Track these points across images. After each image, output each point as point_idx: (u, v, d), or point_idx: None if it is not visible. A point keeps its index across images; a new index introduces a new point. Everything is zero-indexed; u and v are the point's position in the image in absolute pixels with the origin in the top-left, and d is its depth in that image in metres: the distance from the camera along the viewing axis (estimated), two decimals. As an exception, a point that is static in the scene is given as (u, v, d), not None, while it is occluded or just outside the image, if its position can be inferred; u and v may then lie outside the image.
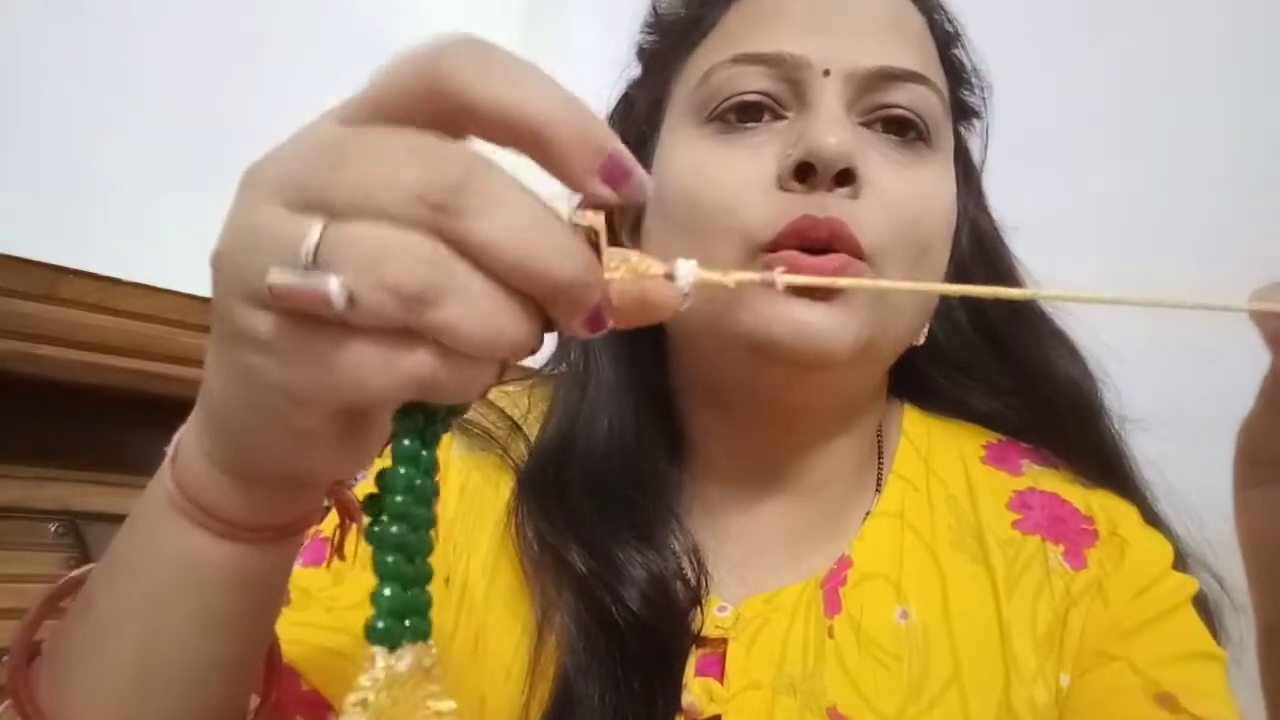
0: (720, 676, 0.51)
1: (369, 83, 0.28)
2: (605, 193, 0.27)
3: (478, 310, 0.26)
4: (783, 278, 0.30)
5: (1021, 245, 0.62)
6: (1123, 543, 0.54)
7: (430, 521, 0.30)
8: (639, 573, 0.51)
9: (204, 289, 0.29)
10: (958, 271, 0.57)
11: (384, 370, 0.26)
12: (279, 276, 0.25)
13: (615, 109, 0.62)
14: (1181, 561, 0.55)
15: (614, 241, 0.31)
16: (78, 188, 1.01)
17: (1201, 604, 0.54)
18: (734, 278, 0.29)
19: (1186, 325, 0.40)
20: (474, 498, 0.57)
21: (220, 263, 0.28)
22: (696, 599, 0.52)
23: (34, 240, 0.91)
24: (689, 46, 0.56)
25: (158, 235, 1.05)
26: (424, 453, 0.29)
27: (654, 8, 0.60)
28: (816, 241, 0.47)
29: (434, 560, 0.55)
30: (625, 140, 0.60)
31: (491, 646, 0.53)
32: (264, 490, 0.34)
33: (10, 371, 0.88)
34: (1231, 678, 0.53)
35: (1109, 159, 0.97)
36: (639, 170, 0.27)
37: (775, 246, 0.47)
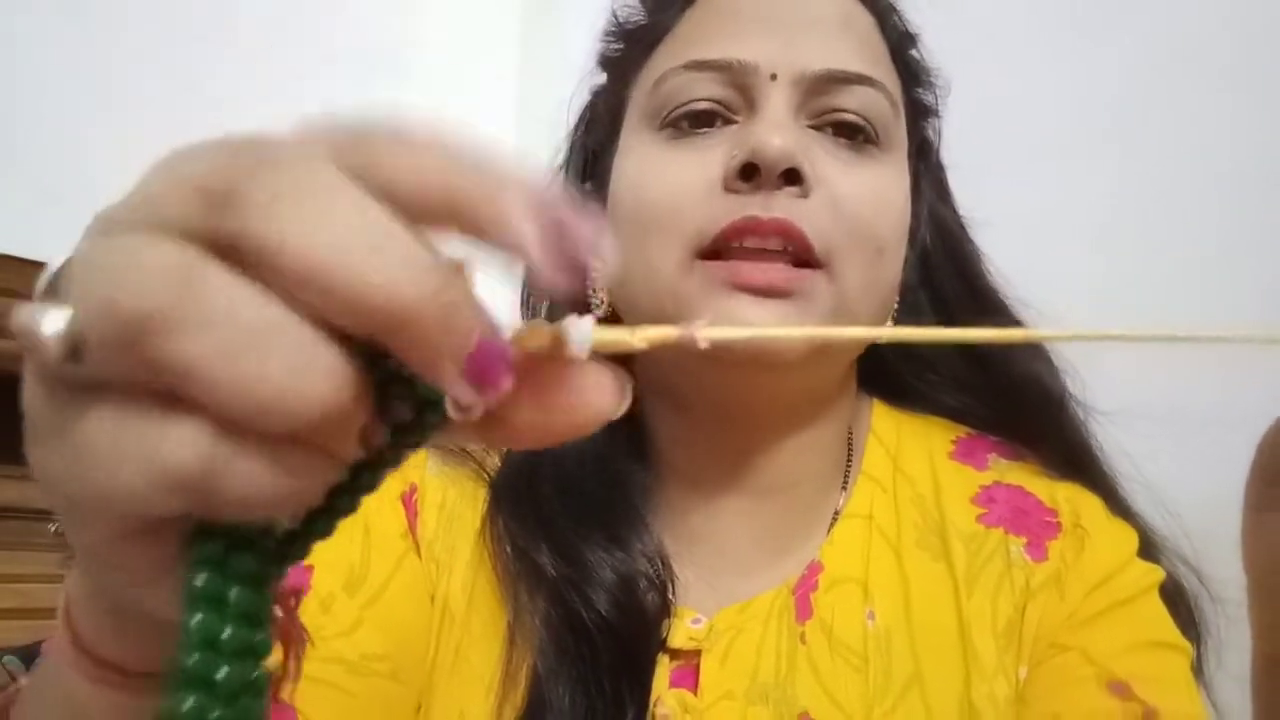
0: (695, 688, 0.51)
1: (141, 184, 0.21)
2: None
3: (241, 345, 0.18)
4: (704, 333, 0.23)
5: (1022, 243, 0.62)
6: (1084, 534, 0.53)
7: (260, 686, 0.21)
8: (608, 575, 0.51)
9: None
10: (921, 265, 0.58)
11: (134, 457, 0.19)
12: (17, 315, 0.19)
13: (580, 115, 0.63)
14: (1152, 552, 0.55)
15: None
16: (78, 188, 1.01)
17: (1172, 595, 0.53)
18: (643, 336, 0.22)
19: (1166, 321, 0.39)
20: (452, 514, 0.57)
21: None
22: (665, 603, 0.52)
23: (34, 240, 0.91)
24: (645, 52, 0.56)
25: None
26: (234, 591, 0.21)
27: (614, 14, 0.60)
28: (763, 241, 0.46)
29: (419, 579, 0.54)
30: (585, 149, 0.55)
31: (471, 661, 0.53)
32: (135, 626, 0.26)
33: (10, 371, 0.88)
34: (1212, 672, 0.54)
35: (1111, 158, 0.97)
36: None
37: (716, 246, 0.47)
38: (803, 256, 0.47)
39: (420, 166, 0.20)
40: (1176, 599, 0.54)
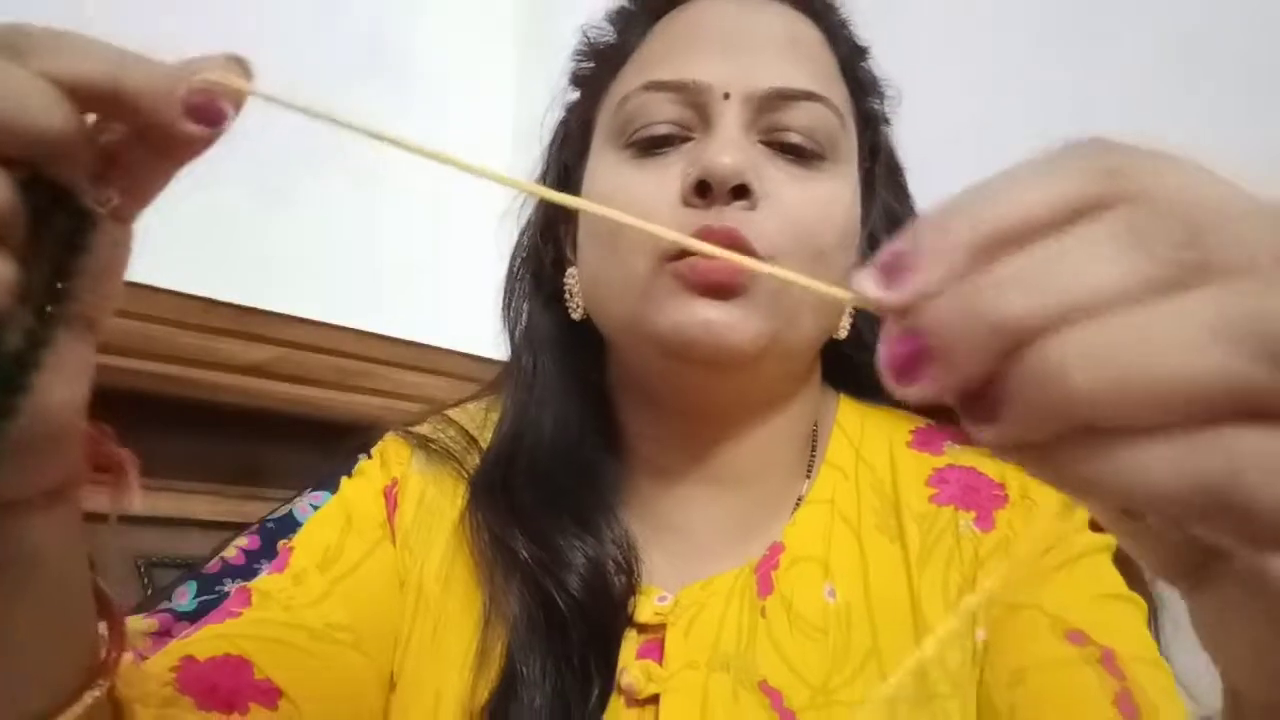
0: (660, 659, 0.54)
1: None
2: (198, 130, 0.29)
3: None
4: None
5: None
6: (1032, 504, 0.56)
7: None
8: (579, 559, 0.55)
9: (204, 289, 0.29)
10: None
11: None
12: None
13: (555, 131, 0.67)
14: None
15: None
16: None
17: (1124, 561, 0.55)
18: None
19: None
20: (430, 507, 0.61)
21: None
22: (631, 584, 0.56)
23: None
24: (612, 71, 0.61)
25: (157, 235, 1.05)
26: None
27: (585, 34, 0.65)
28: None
29: (391, 564, 0.58)
30: (559, 163, 0.62)
31: (447, 642, 0.56)
32: None
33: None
34: (1169, 639, 0.55)
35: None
36: (221, 100, 0.29)
37: (680, 255, 0.52)
38: None
39: (75, 63, 0.28)
40: (1128, 565, 0.55)
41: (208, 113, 0.29)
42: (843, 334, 0.60)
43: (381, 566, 0.58)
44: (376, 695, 0.56)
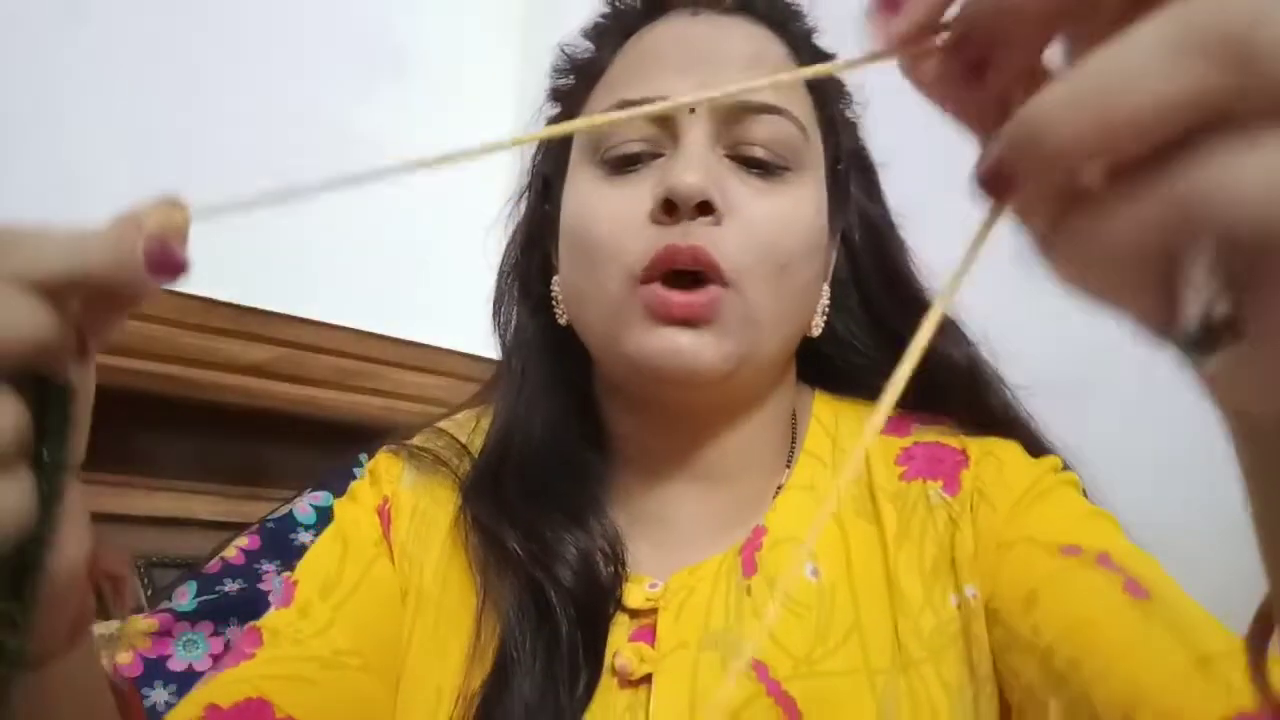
0: (652, 642, 0.57)
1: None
2: (162, 282, 0.31)
3: None
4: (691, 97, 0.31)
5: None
6: (999, 461, 0.59)
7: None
8: (568, 550, 0.57)
9: (204, 289, 0.29)
10: (850, 260, 0.66)
11: None
12: None
13: (537, 147, 0.70)
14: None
15: None
16: (77, 188, 1.01)
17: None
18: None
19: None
20: (424, 517, 0.63)
21: None
22: (618, 573, 0.58)
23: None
24: (588, 86, 0.64)
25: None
26: None
27: (562, 50, 0.67)
28: (683, 266, 0.54)
29: (390, 580, 0.60)
30: (541, 174, 0.64)
31: (446, 639, 0.58)
32: None
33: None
34: None
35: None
36: (175, 246, 0.31)
37: (648, 275, 0.54)
38: (711, 277, 0.54)
39: (37, 262, 0.29)
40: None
41: (167, 261, 0.30)
42: (816, 332, 0.63)
43: (380, 583, 0.60)
44: (389, 710, 0.58)
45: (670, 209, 0.54)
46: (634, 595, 0.58)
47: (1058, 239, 0.23)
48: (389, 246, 1.36)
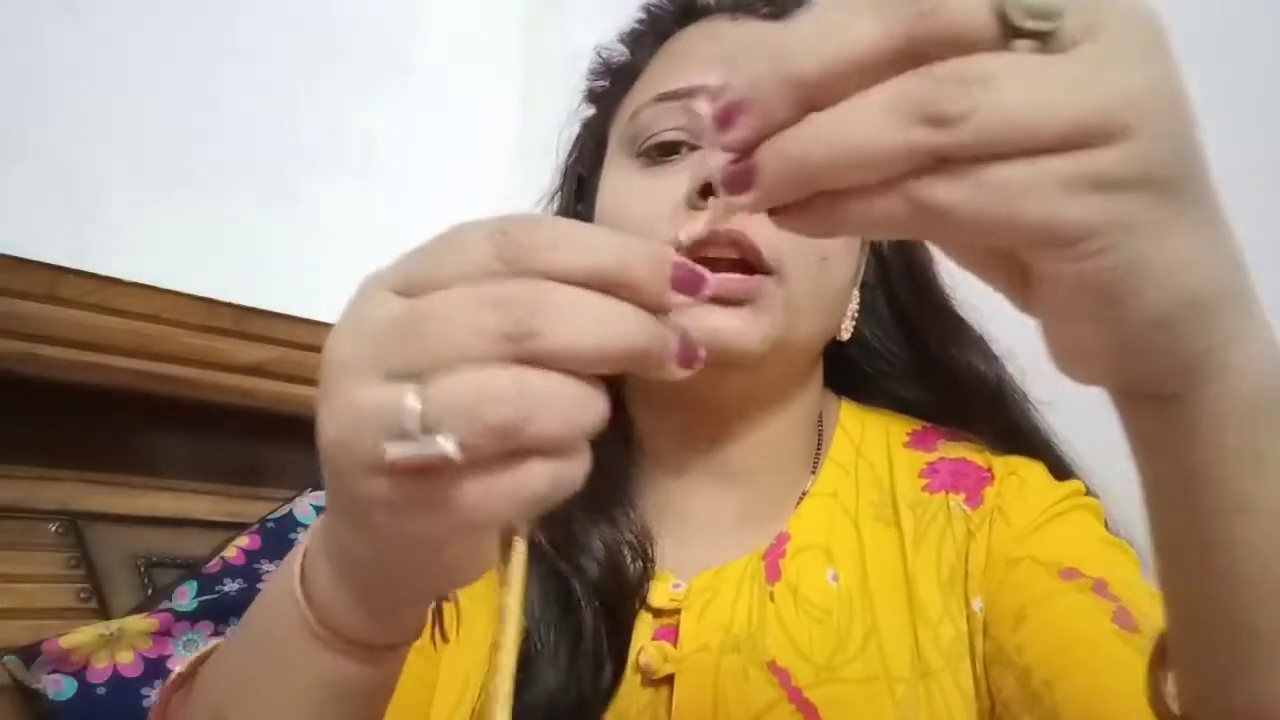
0: (675, 642, 0.58)
1: (428, 252, 0.31)
2: (682, 300, 0.31)
3: (564, 411, 0.28)
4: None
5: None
6: (1022, 480, 0.60)
7: None
8: (596, 545, 0.58)
9: (204, 289, 0.29)
10: (879, 266, 0.67)
11: (508, 495, 0.28)
12: (397, 450, 0.28)
13: (572, 145, 0.72)
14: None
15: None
16: (78, 188, 1.01)
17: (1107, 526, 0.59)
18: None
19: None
20: None
21: (334, 449, 0.30)
22: (646, 569, 0.59)
23: (34, 240, 0.91)
24: (624, 88, 0.65)
25: (158, 235, 1.05)
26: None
27: (599, 54, 0.69)
28: (720, 251, 0.54)
29: (416, 671, 0.58)
30: (578, 172, 0.66)
31: (475, 632, 0.59)
32: (398, 615, 0.38)
33: (10, 371, 0.88)
34: None
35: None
36: (700, 269, 0.31)
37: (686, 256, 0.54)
38: (753, 263, 0.55)
39: (586, 260, 0.29)
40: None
41: (692, 281, 0.31)
42: (845, 335, 0.64)
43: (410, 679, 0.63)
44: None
45: (708, 194, 0.54)
46: (658, 594, 0.59)
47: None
48: (389, 247, 1.36)
